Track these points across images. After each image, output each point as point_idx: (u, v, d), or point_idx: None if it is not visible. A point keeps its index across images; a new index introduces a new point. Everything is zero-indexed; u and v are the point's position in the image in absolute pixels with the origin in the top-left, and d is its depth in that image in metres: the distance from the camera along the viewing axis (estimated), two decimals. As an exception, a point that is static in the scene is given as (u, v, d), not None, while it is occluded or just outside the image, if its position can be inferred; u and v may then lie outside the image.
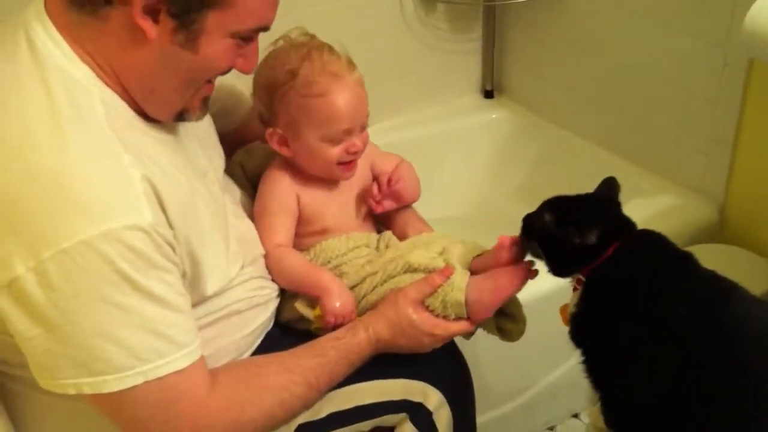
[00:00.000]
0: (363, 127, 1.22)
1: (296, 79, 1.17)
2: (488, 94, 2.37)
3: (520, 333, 1.20)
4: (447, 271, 1.12)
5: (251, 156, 1.31)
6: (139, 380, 0.89)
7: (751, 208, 1.76)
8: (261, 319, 1.14)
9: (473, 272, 1.14)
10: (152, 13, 0.89)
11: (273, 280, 1.19)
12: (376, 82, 2.12)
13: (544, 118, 2.24)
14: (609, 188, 1.16)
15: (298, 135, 1.20)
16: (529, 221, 1.15)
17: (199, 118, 1.04)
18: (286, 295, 1.20)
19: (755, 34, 1.32)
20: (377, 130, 2.15)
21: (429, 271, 1.14)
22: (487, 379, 1.60)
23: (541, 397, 1.74)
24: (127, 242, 0.86)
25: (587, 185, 2.02)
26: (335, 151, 1.20)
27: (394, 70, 2.19)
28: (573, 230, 1.08)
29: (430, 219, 2.21)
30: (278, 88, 1.18)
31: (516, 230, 1.11)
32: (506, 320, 1.19)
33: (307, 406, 1.08)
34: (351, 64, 1.21)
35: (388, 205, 1.27)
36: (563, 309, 1.14)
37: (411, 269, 1.15)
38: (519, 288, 1.12)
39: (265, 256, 1.19)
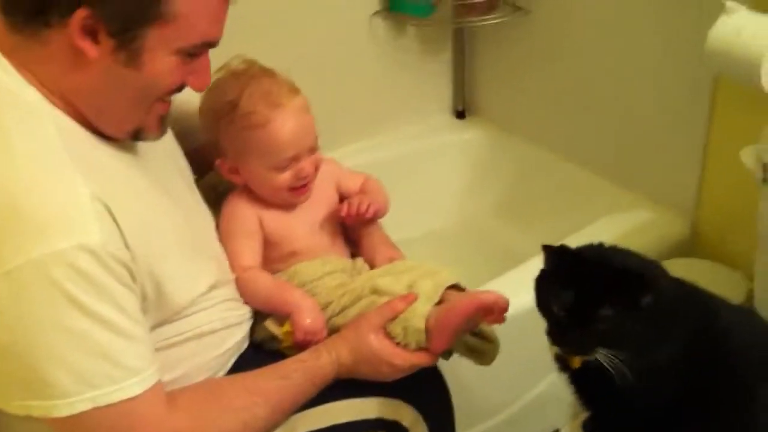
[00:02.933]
0: (312, 151, 1.22)
1: (236, 110, 1.17)
2: (460, 115, 2.38)
3: (494, 355, 1.19)
4: (410, 298, 1.11)
5: (224, 178, 1.30)
6: (89, 406, 0.87)
7: (722, 222, 1.78)
8: (235, 339, 1.14)
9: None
10: (91, 34, 0.89)
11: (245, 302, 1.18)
12: (347, 104, 2.17)
13: (515, 136, 2.25)
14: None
15: (245, 164, 1.20)
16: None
17: (158, 137, 1.04)
18: (259, 316, 1.19)
19: (718, 52, 1.33)
20: (350, 151, 2.19)
21: (394, 296, 1.13)
22: (469, 395, 1.59)
23: (524, 412, 1.73)
24: (74, 264, 0.85)
25: (561, 201, 2.05)
26: (284, 178, 1.20)
27: (365, 92, 2.19)
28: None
29: (404, 238, 2.22)
30: (220, 120, 1.19)
31: (491, 244, 1.09)
32: (479, 341, 1.18)
33: (269, 428, 1.06)
34: (292, 90, 1.20)
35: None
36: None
37: (377, 292, 1.14)
38: (473, 315, 1.09)
39: (236, 281, 1.18)
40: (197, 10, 0.93)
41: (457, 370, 1.21)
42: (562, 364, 1.10)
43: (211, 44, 0.98)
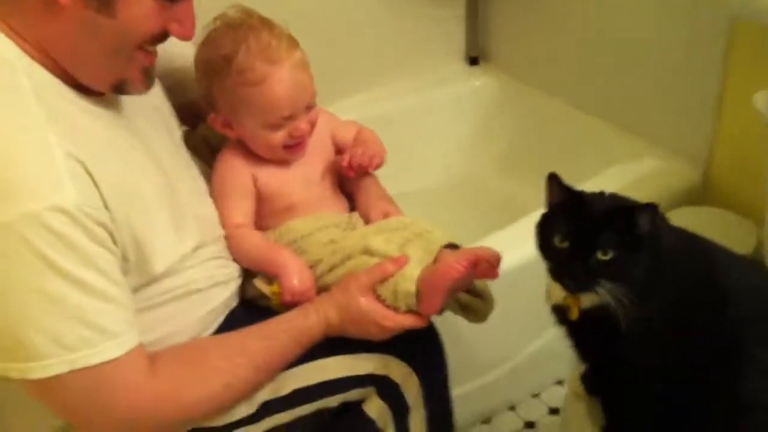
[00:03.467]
0: (309, 108, 1.19)
1: (232, 65, 1.13)
2: (473, 61, 2.35)
3: (487, 312, 1.18)
4: (401, 261, 1.09)
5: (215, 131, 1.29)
6: (65, 369, 0.87)
7: (734, 170, 1.75)
8: (222, 297, 1.13)
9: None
10: None
11: (234, 260, 1.17)
12: (355, 51, 2.15)
13: (528, 84, 2.22)
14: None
15: (239, 121, 1.18)
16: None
17: (143, 90, 1.01)
18: (249, 273, 1.19)
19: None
20: (358, 101, 2.19)
21: (385, 257, 1.11)
22: (470, 348, 1.60)
23: (525, 364, 1.74)
24: (49, 225, 0.83)
25: (571, 152, 2.04)
26: (278, 136, 1.17)
27: (375, 39, 2.16)
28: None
29: (410, 191, 2.22)
30: (215, 75, 1.15)
31: (498, 196, 1.07)
32: (472, 298, 1.16)
33: (256, 388, 1.06)
34: (291, 45, 1.16)
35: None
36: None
37: (368, 252, 1.12)
38: (463, 276, 1.06)
39: (226, 238, 1.17)
40: None
41: (458, 323, 1.21)
42: (561, 315, 1.10)
43: None
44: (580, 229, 0.99)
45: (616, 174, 1.79)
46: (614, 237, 0.97)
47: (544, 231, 1.04)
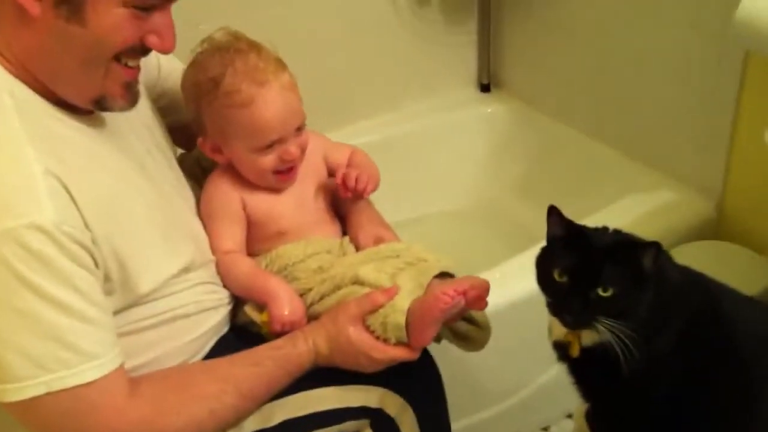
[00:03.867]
0: (299, 130, 1.17)
1: (219, 87, 1.11)
2: (484, 88, 2.34)
3: (484, 342, 1.15)
4: (391, 291, 1.07)
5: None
6: (41, 390, 0.85)
7: (748, 204, 1.72)
8: (211, 323, 1.11)
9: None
10: None
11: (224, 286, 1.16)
12: (366, 76, 2.15)
13: (540, 111, 2.21)
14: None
15: (228, 145, 1.16)
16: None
17: (126, 107, 1.00)
18: (240, 299, 1.17)
19: (748, 26, 1.28)
20: (370, 125, 2.19)
21: (376, 287, 1.09)
22: (479, 379, 1.58)
23: (536, 396, 1.70)
24: (24, 243, 0.82)
25: (584, 179, 2.01)
26: (268, 160, 1.16)
27: (387, 65, 2.16)
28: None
29: (419, 216, 2.20)
30: (203, 97, 1.14)
31: (510, 223, 1.04)
32: (469, 326, 1.14)
33: (241, 416, 1.04)
34: (279, 67, 1.14)
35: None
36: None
37: (359, 282, 1.10)
38: (451, 307, 1.03)
39: (216, 263, 1.16)
40: None
41: (467, 354, 1.19)
42: (562, 352, 1.08)
43: (167, 0, 0.94)
44: (581, 264, 0.98)
45: (628, 205, 1.76)
46: (616, 274, 0.95)
47: (544, 265, 1.02)
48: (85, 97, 0.96)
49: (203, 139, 1.18)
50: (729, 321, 1.04)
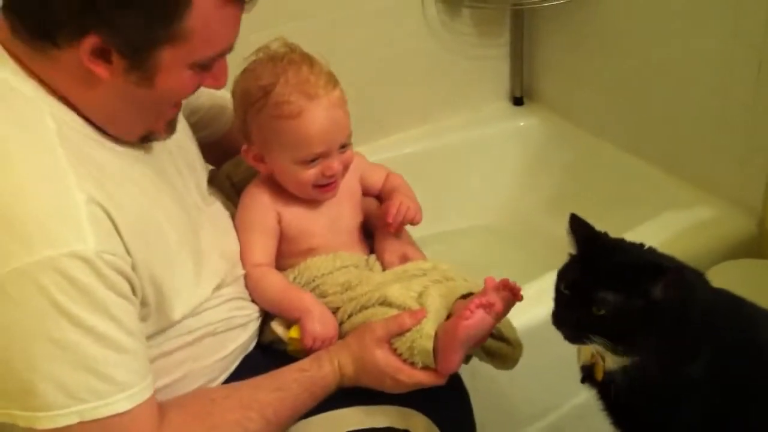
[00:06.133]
0: (344, 147, 1.16)
1: (269, 97, 1.11)
2: (517, 101, 2.32)
3: (516, 359, 1.13)
4: (419, 314, 1.05)
5: (239, 168, 1.27)
6: (74, 420, 0.84)
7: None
8: (240, 341, 1.10)
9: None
10: (103, 54, 0.86)
11: (253, 300, 1.14)
12: (398, 90, 2.14)
13: (575, 125, 2.18)
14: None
15: (271, 155, 1.15)
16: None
17: (166, 138, 1.01)
18: (268, 316, 1.15)
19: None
20: (402, 139, 2.18)
21: (403, 309, 1.07)
22: (509, 400, 1.54)
23: (567, 419, 1.66)
24: (65, 272, 0.81)
25: (619, 195, 1.98)
26: (310, 174, 1.15)
27: (419, 78, 2.15)
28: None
29: (452, 230, 2.17)
30: (252, 105, 1.13)
31: (544, 239, 1.03)
32: (499, 344, 1.11)
33: None
34: (330, 82, 1.14)
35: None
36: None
37: (386, 303, 1.09)
38: (477, 323, 1.01)
39: (245, 276, 1.14)
40: (211, 24, 0.88)
41: (498, 373, 1.15)
42: (588, 375, 1.05)
43: (227, 51, 0.95)
44: (582, 280, 0.97)
45: (665, 222, 1.73)
46: (613, 296, 0.93)
47: (558, 276, 1.01)
48: (132, 136, 0.97)
49: (247, 148, 1.17)
50: (766, 347, 1.00)
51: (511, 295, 1.04)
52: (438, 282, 1.11)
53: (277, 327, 1.12)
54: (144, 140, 0.99)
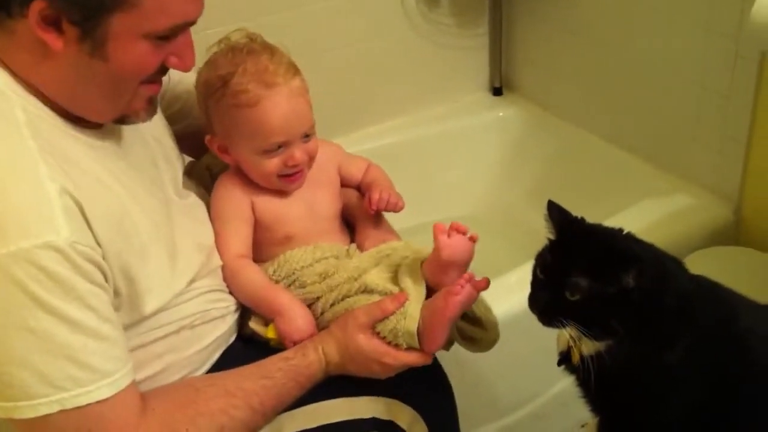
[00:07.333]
0: (307, 137, 1.16)
1: (227, 86, 1.11)
2: (497, 91, 2.32)
3: (491, 342, 1.14)
4: (401, 298, 1.06)
5: (219, 159, 1.25)
6: (55, 408, 0.85)
7: (766, 210, 1.69)
8: (217, 332, 1.09)
9: (430, 284, 1.08)
10: (55, 24, 0.85)
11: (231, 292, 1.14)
12: (379, 81, 2.13)
13: (554, 115, 2.19)
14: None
15: (234, 145, 1.15)
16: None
17: (146, 119, 1.00)
18: (247, 309, 1.15)
19: (763, 27, 1.26)
20: (381, 130, 2.17)
21: (384, 294, 1.08)
22: (492, 388, 1.55)
23: (549, 407, 1.67)
24: (39, 263, 0.82)
25: (599, 184, 1.99)
26: (272, 164, 1.14)
27: (398, 68, 2.15)
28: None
29: (438, 219, 2.17)
30: (212, 95, 1.13)
31: (525, 228, 1.04)
32: (473, 328, 1.12)
33: (252, 430, 1.02)
34: (290, 70, 1.13)
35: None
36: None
37: (367, 290, 1.09)
38: (462, 305, 1.03)
39: (222, 268, 1.14)
40: None
41: (477, 360, 1.16)
42: (565, 359, 1.06)
43: (188, 24, 0.93)
44: (559, 260, 0.98)
45: (643, 210, 1.74)
46: (591, 280, 0.94)
47: (536, 259, 1.03)
48: (106, 118, 0.96)
49: (211, 138, 1.17)
50: (745, 333, 1.01)
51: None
52: (405, 257, 1.11)
53: (255, 325, 1.12)
54: (121, 122, 0.98)
